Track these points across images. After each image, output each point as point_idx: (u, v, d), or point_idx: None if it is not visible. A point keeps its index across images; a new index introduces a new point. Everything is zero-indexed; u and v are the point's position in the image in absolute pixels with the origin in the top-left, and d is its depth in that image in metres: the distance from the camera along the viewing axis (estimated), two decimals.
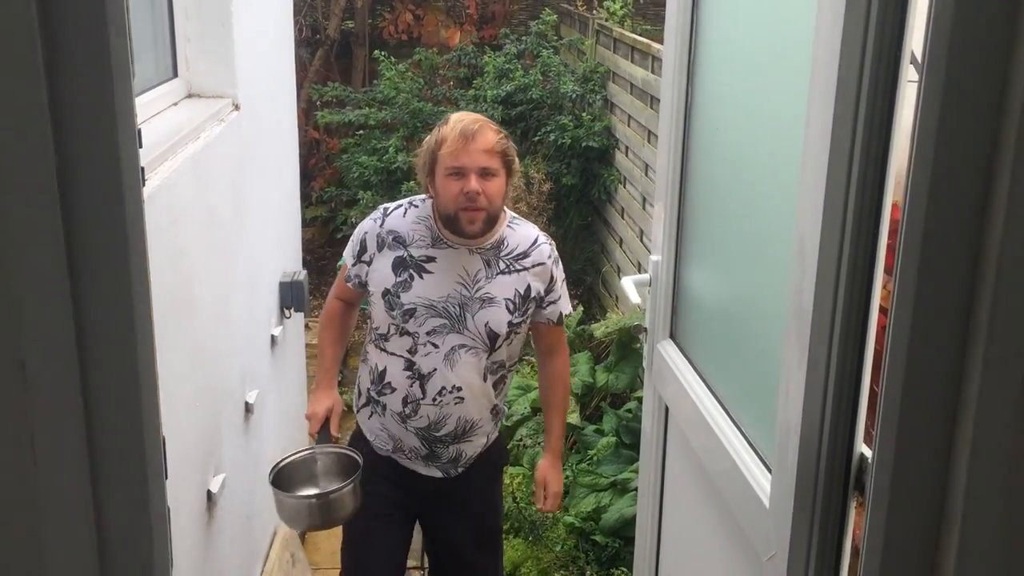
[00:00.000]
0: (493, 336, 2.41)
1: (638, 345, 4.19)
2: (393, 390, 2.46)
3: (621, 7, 6.41)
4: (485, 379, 2.46)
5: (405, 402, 2.45)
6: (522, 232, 2.49)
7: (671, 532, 2.00)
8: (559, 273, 2.52)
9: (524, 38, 6.78)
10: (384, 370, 2.47)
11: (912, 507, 0.99)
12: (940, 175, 0.90)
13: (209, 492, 2.50)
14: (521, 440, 4.54)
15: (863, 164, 1.04)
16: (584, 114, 5.88)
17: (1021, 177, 0.89)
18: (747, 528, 1.39)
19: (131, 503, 0.92)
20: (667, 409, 1.83)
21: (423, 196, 2.47)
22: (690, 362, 1.70)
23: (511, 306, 2.42)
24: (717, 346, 1.63)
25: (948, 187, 0.91)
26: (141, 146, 0.94)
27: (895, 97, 1.04)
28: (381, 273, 2.43)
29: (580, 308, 5.02)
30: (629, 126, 5.37)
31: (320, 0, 7.37)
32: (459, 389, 2.43)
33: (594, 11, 6.70)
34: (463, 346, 2.41)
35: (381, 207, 2.52)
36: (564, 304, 2.55)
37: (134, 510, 0.92)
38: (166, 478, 0.99)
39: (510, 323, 2.42)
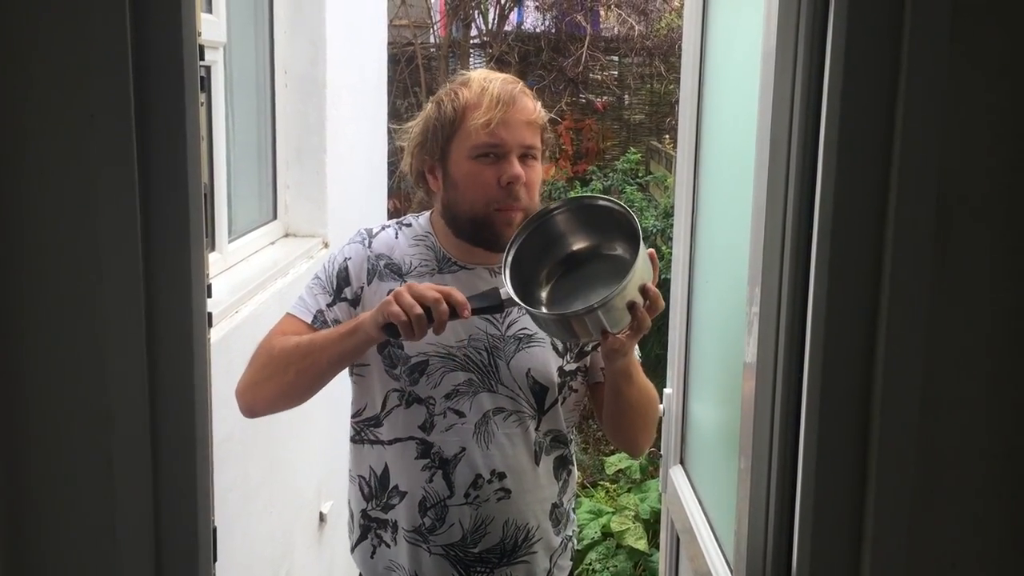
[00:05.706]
0: (540, 390, 1.70)
1: None
2: (403, 495, 1.72)
3: None
4: (538, 460, 1.73)
5: (424, 508, 1.70)
6: None
7: None
8: None
9: (611, 174, 7.16)
10: (385, 470, 1.73)
11: None
12: (832, 312, 1.11)
13: None
14: (591, 565, 4.60)
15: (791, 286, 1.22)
16: (665, 248, 6.14)
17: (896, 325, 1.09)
18: None
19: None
20: (679, 536, 1.99)
21: (415, 214, 1.83)
22: (692, 486, 1.88)
23: (559, 346, 1.73)
24: (709, 469, 1.80)
25: (839, 324, 1.10)
26: (211, 296, 1.23)
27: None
28: None
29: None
30: None
31: None
32: (502, 476, 1.69)
33: None
34: (500, 410, 1.69)
35: (361, 229, 1.81)
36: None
37: None
38: (214, 561, 1.23)
39: (561, 370, 1.72)
